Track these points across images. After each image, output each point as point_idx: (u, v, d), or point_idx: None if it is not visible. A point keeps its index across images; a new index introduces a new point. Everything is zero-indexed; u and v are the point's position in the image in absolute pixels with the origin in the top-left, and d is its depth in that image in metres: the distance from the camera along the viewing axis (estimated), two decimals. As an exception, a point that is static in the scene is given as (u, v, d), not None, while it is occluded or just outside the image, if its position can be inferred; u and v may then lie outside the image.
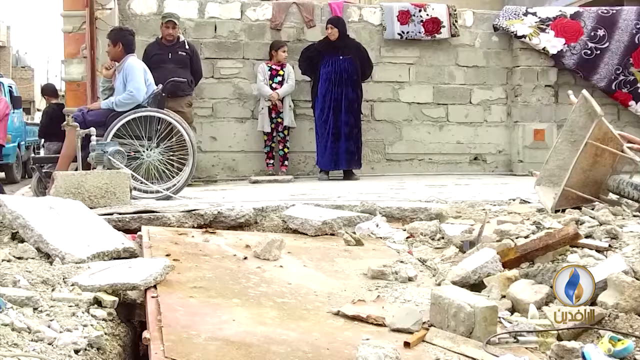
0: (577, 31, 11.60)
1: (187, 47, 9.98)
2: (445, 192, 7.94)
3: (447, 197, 7.20)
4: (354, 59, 10.52)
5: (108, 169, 6.77)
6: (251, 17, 11.13)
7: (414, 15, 11.32)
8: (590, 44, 11.54)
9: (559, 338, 3.58)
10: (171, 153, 7.68)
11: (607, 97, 11.61)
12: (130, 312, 3.98)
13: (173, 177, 7.70)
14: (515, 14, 11.80)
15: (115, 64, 7.99)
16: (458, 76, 11.74)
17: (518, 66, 11.69)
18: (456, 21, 11.55)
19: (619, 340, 3.40)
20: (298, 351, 3.20)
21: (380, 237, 5.83)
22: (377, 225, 5.99)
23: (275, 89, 10.58)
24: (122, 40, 7.94)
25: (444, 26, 11.43)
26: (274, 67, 10.70)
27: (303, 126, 11.07)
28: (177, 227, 5.72)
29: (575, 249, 4.80)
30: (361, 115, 10.76)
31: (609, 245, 4.91)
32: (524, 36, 11.53)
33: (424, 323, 3.62)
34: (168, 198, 7.25)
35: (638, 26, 11.70)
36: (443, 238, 5.70)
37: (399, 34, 11.33)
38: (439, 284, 4.46)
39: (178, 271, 4.26)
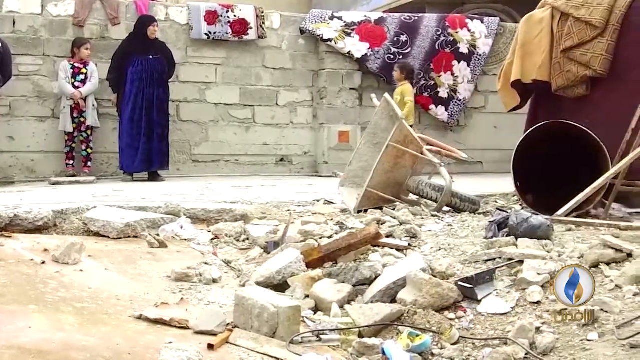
0: (381, 36, 11.96)
1: (0, 44, 9.57)
2: (251, 194, 7.97)
3: (252, 199, 7.23)
4: (162, 58, 10.41)
5: None
6: (53, 13, 10.73)
7: (221, 16, 11.30)
8: (393, 49, 11.92)
9: (361, 335, 3.66)
10: (-36, 153, 7.31)
11: (408, 101, 12.02)
12: None
13: (-34, 178, 7.33)
14: (321, 17, 12.01)
15: None
16: (265, 78, 11.81)
17: (324, 69, 11.90)
18: (264, 23, 11.63)
19: (417, 335, 3.53)
20: (98, 357, 3.13)
21: (185, 239, 5.79)
22: (182, 227, 5.94)
23: (78, 87, 10.28)
24: None
25: (251, 28, 11.47)
26: (76, 65, 10.38)
27: (107, 126, 10.78)
28: (-30, 231, 5.45)
29: (376, 248, 4.95)
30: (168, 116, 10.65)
31: (409, 244, 5.09)
32: (330, 40, 11.75)
33: (228, 324, 3.61)
34: (-40, 200, 6.90)
35: (438, 33, 12.20)
36: (248, 239, 5.73)
37: (206, 34, 11.27)
38: (243, 285, 4.47)
39: (-31, 277, 4.06)
